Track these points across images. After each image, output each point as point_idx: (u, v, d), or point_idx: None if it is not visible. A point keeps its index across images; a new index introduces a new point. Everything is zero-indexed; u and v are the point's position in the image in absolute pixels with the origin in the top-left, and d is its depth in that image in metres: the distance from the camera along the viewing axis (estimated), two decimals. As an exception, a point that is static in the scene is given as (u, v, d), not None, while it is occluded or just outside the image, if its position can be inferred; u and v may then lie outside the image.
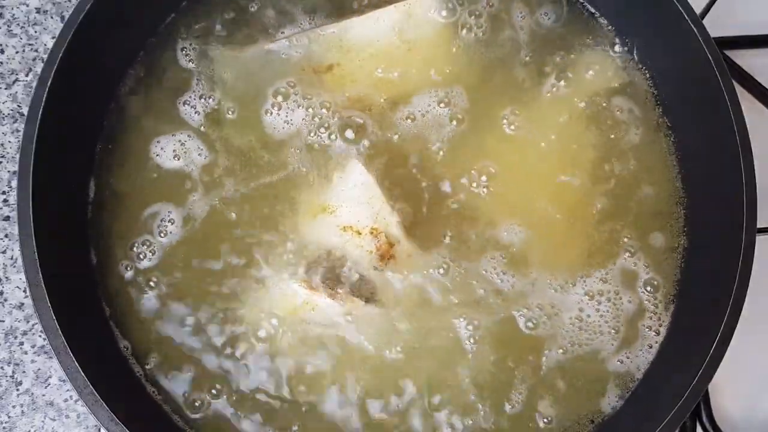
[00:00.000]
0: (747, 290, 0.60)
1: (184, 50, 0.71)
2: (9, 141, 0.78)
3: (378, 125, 0.69)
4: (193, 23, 0.72)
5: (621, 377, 0.66)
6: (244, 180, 0.68)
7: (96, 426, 0.73)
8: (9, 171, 0.77)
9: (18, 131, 0.78)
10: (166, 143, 0.68)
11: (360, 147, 0.68)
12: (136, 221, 0.67)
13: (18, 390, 0.73)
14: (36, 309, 0.57)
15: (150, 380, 0.64)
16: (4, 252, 0.76)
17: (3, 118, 0.78)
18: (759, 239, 0.61)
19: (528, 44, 0.72)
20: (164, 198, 0.67)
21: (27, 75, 0.79)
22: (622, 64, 0.73)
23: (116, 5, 0.65)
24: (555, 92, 0.71)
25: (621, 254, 0.68)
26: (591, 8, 0.74)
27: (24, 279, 0.60)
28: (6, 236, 0.76)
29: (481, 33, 0.72)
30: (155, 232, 0.67)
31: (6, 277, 0.75)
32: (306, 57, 0.70)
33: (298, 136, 0.69)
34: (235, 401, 0.64)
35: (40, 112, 0.59)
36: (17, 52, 0.80)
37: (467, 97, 0.70)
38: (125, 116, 0.69)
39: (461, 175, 0.69)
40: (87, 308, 0.64)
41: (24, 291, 0.75)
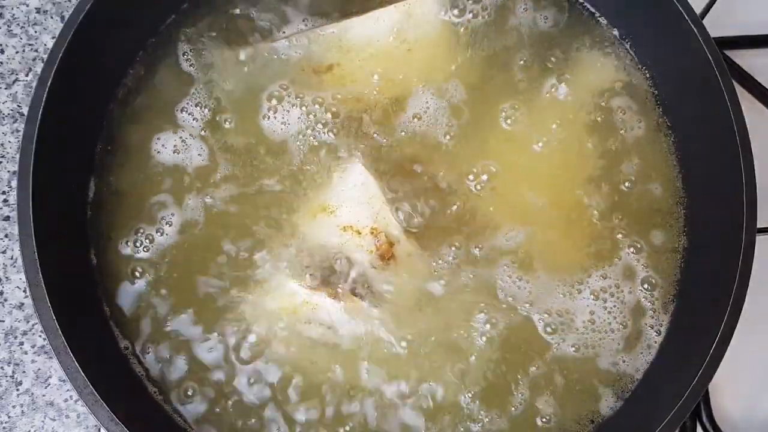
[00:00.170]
0: (747, 290, 0.60)
1: (184, 50, 0.71)
2: (9, 141, 0.78)
3: (378, 125, 0.69)
4: (194, 23, 0.72)
5: (621, 377, 0.66)
6: (244, 180, 0.68)
7: (96, 426, 0.73)
8: (9, 171, 0.77)
9: (18, 131, 0.78)
10: (167, 140, 0.68)
11: (360, 147, 0.68)
12: (136, 221, 0.67)
13: (18, 390, 0.73)
14: (36, 309, 0.57)
15: (150, 380, 0.64)
16: (4, 252, 0.76)
17: (3, 118, 0.78)
18: (759, 239, 0.61)
19: (528, 44, 0.72)
20: (164, 198, 0.67)
21: (27, 75, 0.79)
22: (622, 64, 0.73)
23: (116, 5, 0.65)
24: (555, 92, 0.71)
25: (621, 254, 0.68)
26: (591, 8, 0.74)
27: (24, 279, 0.60)
28: (6, 236, 0.76)
29: (481, 33, 0.72)
30: (155, 232, 0.67)
31: (6, 277, 0.75)
32: (306, 57, 0.70)
33: (298, 136, 0.69)
34: (235, 401, 0.64)
35: (40, 112, 0.59)
36: (17, 52, 0.80)
37: (467, 97, 0.70)
38: (125, 116, 0.69)
39: (462, 175, 0.69)
40: (87, 308, 0.64)
41: (24, 291, 0.75)
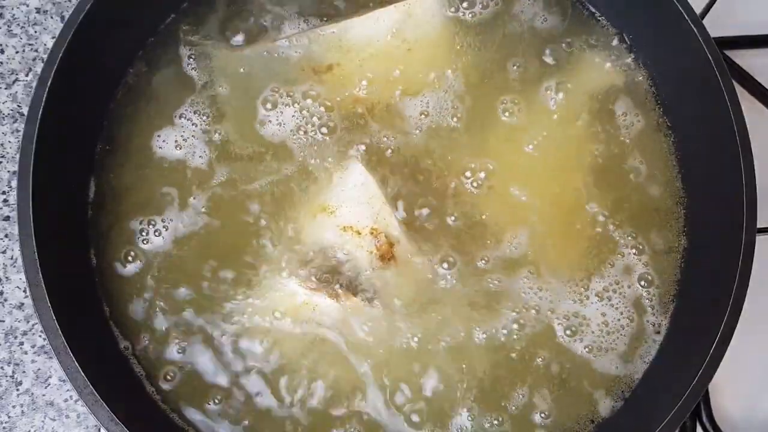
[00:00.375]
0: (747, 290, 0.60)
1: (184, 50, 0.71)
2: (9, 141, 0.78)
3: (378, 125, 0.69)
4: (194, 23, 0.72)
5: (621, 377, 0.66)
6: (244, 180, 0.68)
7: (96, 426, 0.73)
8: (9, 171, 0.77)
9: (18, 131, 0.78)
10: (167, 138, 0.68)
11: (360, 147, 0.68)
12: (136, 221, 0.67)
13: (18, 390, 0.73)
14: (36, 309, 0.57)
15: (150, 380, 0.64)
16: (4, 252, 0.76)
17: (3, 118, 0.78)
18: (759, 239, 0.61)
19: (528, 44, 0.72)
20: (164, 198, 0.67)
21: (27, 75, 0.79)
22: (622, 65, 0.73)
23: (116, 5, 0.65)
24: (554, 92, 0.71)
25: (621, 255, 0.68)
26: (591, 8, 0.74)
27: (24, 279, 0.60)
28: (6, 236, 0.76)
29: (481, 33, 0.72)
30: (155, 232, 0.67)
31: (6, 277, 0.75)
32: (306, 57, 0.70)
33: (298, 136, 0.69)
34: (235, 401, 0.64)
35: (40, 112, 0.59)
36: (17, 52, 0.80)
37: (467, 97, 0.70)
38: (125, 116, 0.69)
39: (462, 175, 0.69)
40: (87, 308, 0.64)
41: (24, 291, 0.75)
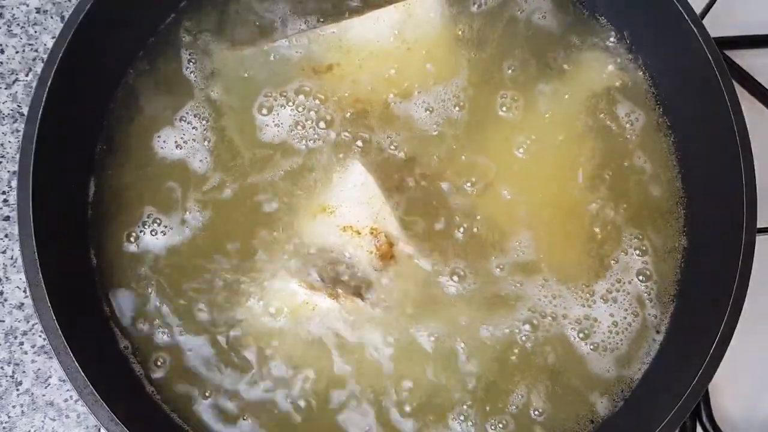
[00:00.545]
0: (747, 290, 0.60)
1: (184, 50, 0.71)
2: (9, 141, 0.78)
3: (378, 125, 0.69)
4: (193, 23, 0.72)
5: (621, 377, 0.66)
6: (245, 180, 0.68)
7: (96, 426, 0.73)
8: (9, 171, 0.77)
9: (18, 131, 0.78)
10: (167, 138, 0.68)
11: (360, 147, 0.68)
12: (136, 221, 0.67)
13: (18, 390, 0.73)
14: (36, 309, 0.57)
15: (150, 380, 0.64)
16: (4, 252, 0.76)
17: (3, 118, 0.78)
18: (759, 239, 0.61)
19: (528, 43, 0.72)
20: (163, 198, 0.67)
21: (27, 75, 0.79)
22: (622, 64, 0.73)
23: (116, 5, 0.65)
24: (555, 92, 0.71)
25: (621, 255, 0.68)
26: (591, 8, 0.74)
27: (24, 279, 0.60)
28: (6, 236, 0.76)
29: (481, 32, 0.72)
30: (155, 232, 0.67)
31: (6, 277, 0.75)
32: (306, 57, 0.70)
33: (298, 136, 0.69)
34: (235, 401, 0.64)
35: (40, 112, 0.59)
36: (17, 52, 0.80)
37: (467, 97, 0.70)
38: (125, 116, 0.69)
39: (462, 175, 0.69)
40: (87, 308, 0.64)
41: (24, 291, 0.75)
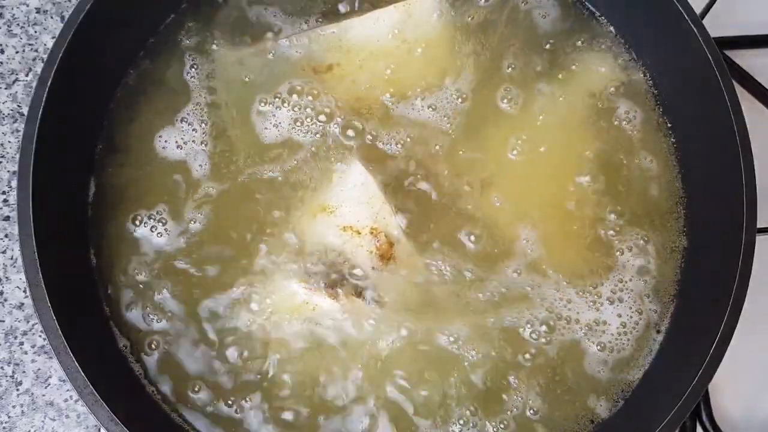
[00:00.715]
0: (747, 290, 0.60)
1: (184, 50, 0.71)
2: (9, 141, 0.78)
3: (378, 125, 0.69)
4: (193, 23, 0.72)
5: (621, 377, 0.66)
6: (245, 180, 0.68)
7: (96, 426, 0.73)
8: (9, 171, 0.77)
9: (18, 131, 0.78)
10: (168, 139, 0.68)
11: (359, 147, 0.68)
12: (136, 221, 0.67)
13: (18, 390, 0.73)
14: (36, 309, 0.57)
15: (150, 380, 0.64)
16: (4, 252, 0.76)
17: (3, 118, 0.78)
18: (759, 239, 0.61)
19: (528, 44, 0.72)
20: (164, 198, 0.67)
21: (27, 75, 0.79)
22: (622, 64, 0.73)
23: (116, 5, 0.65)
24: (555, 92, 0.71)
25: (621, 255, 0.68)
26: (591, 7, 0.74)
27: (24, 279, 0.60)
28: (6, 236, 0.76)
29: (481, 32, 0.72)
30: (155, 232, 0.67)
31: (6, 277, 0.75)
32: (306, 57, 0.70)
33: (298, 136, 0.69)
34: (234, 401, 0.64)
35: (40, 112, 0.59)
36: (17, 52, 0.80)
37: (467, 96, 0.70)
38: (125, 116, 0.69)
39: (462, 175, 0.69)
40: (87, 308, 0.64)
41: (24, 291, 0.75)
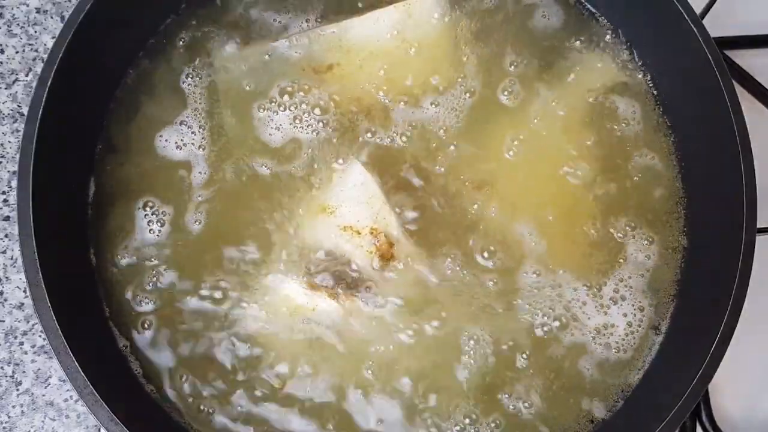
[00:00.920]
0: (747, 290, 0.60)
1: (184, 51, 0.71)
2: (9, 141, 0.78)
3: (378, 125, 0.69)
4: (193, 23, 0.72)
5: (621, 377, 0.66)
6: (245, 180, 0.68)
7: (96, 426, 0.73)
8: (9, 171, 0.77)
9: (18, 131, 0.78)
10: (168, 139, 0.68)
11: (360, 147, 0.68)
12: (136, 221, 0.67)
13: (18, 390, 0.73)
14: (36, 309, 0.57)
15: (150, 380, 0.64)
16: (4, 252, 0.76)
17: (3, 118, 0.78)
18: (759, 239, 0.61)
19: (528, 43, 0.72)
20: (164, 198, 0.67)
21: (27, 75, 0.79)
22: (622, 64, 0.73)
23: (116, 5, 0.65)
24: (555, 92, 0.71)
25: (621, 255, 0.68)
26: (591, 8, 0.74)
27: (24, 279, 0.60)
28: (6, 236, 0.76)
29: (481, 32, 0.72)
30: (155, 232, 0.67)
31: (6, 277, 0.75)
32: (306, 57, 0.70)
33: (298, 136, 0.69)
34: (234, 401, 0.64)
35: (40, 112, 0.59)
36: (17, 52, 0.80)
37: (467, 96, 0.70)
38: (125, 116, 0.69)
39: (463, 175, 0.69)
40: (87, 308, 0.64)
41: (24, 291, 0.75)
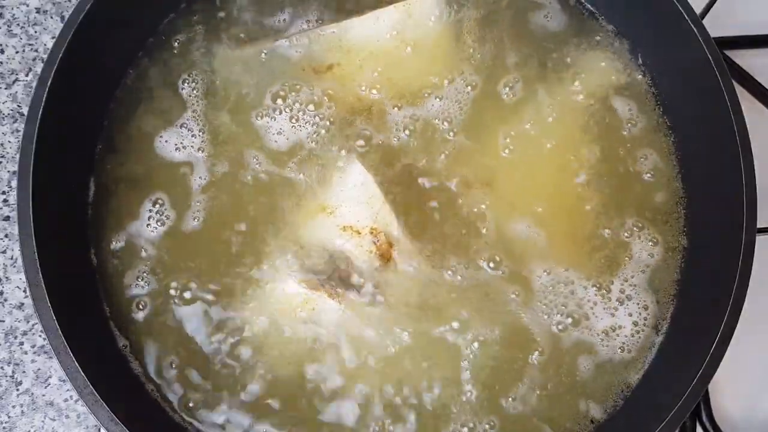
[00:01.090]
0: (747, 290, 0.60)
1: (184, 50, 0.71)
2: (9, 141, 0.78)
3: (378, 125, 0.69)
4: (193, 23, 0.72)
5: (621, 377, 0.66)
6: (245, 179, 0.68)
7: (96, 426, 0.73)
8: (9, 171, 0.77)
9: (18, 131, 0.78)
10: (168, 140, 0.68)
11: (359, 147, 0.68)
12: (136, 220, 0.67)
13: (18, 390, 0.73)
14: (36, 309, 0.57)
15: (150, 380, 0.64)
16: (4, 252, 0.76)
17: (3, 118, 0.78)
18: (759, 239, 0.61)
19: (528, 43, 0.72)
20: (164, 198, 0.67)
21: (27, 75, 0.79)
22: (622, 64, 0.73)
23: (116, 5, 0.65)
24: (555, 91, 0.71)
25: (621, 255, 0.68)
26: (591, 8, 0.74)
27: (24, 279, 0.60)
28: (6, 236, 0.76)
29: (481, 32, 0.72)
30: (155, 232, 0.67)
31: (6, 277, 0.75)
32: (306, 57, 0.70)
33: (298, 136, 0.69)
34: (234, 400, 0.64)
35: (40, 112, 0.59)
36: (17, 52, 0.80)
37: (467, 96, 0.70)
38: (125, 116, 0.69)
39: (462, 175, 0.69)
40: (87, 308, 0.64)
41: (24, 291, 0.75)
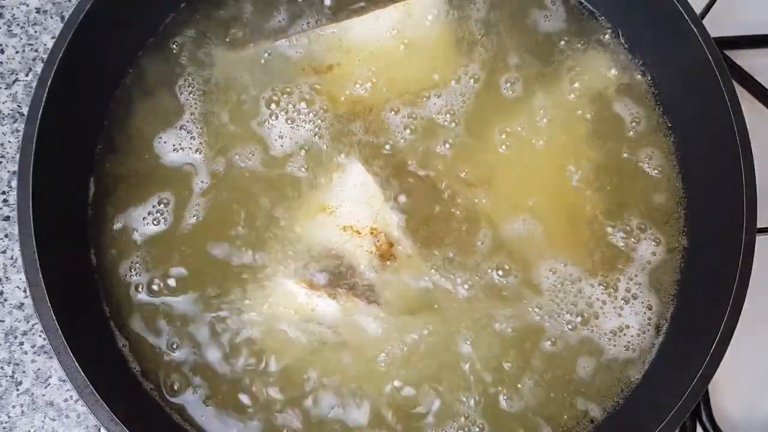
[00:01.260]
0: (747, 290, 0.60)
1: (183, 50, 0.71)
2: (9, 141, 0.78)
3: (378, 125, 0.69)
4: (193, 23, 0.72)
5: (621, 377, 0.66)
6: (245, 179, 0.68)
7: (96, 426, 0.73)
8: (9, 171, 0.77)
9: (18, 131, 0.78)
10: (167, 140, 0.68)
11: (359, 147, 0.68)
12: (136, 220, 0.67)
13: (18, 390, 0.73)
14: (36, 309, 0.57)
15: (150, 380, 0.64)
16: (4, 252, 0.76)
17: (3, 118, 0.78)
18: (759, 239, 0.61)
19: (528, 43, 0.72)
20: (164, 198, 0.67)
21: (27, 75, 0.79)
22: (622, 64, 0.73)
23: (116, 5, 0.65)
24: (555, 91, 0.71)
25: (621, 255, 0.68)
26: (591, 8, 0.74)
27: (24, 279, 0.60)
28: (6, 236, 0.76)
29: (480, 32, 0.72)
30: (155, 232, 0.67)
31: (6, 277, 0.75)
32: (306, 57, 0.70)
33: (298, 136, 0.69)
34: (234, 400, 0.64)
35: (40, 112, 0.59)
36: (17, 52, 0.80)
37: (467, 96, 0.70)
38: (125, 116, 0.69)
39: (461, 175, 0.69)
40: (87, 308, 0.64)
41: (24, 291, 0.75)
